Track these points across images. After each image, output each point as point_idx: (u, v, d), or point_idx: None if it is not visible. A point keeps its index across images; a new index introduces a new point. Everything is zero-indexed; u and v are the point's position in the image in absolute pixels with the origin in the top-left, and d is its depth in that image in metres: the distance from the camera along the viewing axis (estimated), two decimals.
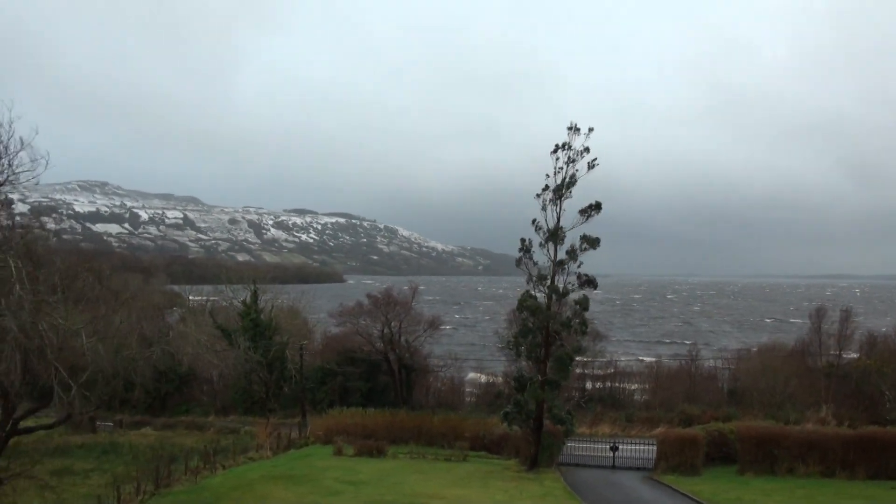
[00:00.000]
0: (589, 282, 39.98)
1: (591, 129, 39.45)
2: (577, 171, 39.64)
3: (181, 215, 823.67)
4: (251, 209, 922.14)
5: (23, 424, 25.79)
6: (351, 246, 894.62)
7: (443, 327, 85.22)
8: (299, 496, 31.43)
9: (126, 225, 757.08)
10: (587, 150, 39.36)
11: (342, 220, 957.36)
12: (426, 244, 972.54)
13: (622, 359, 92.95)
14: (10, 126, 21.91)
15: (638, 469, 43.07)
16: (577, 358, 44.76)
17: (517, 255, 41.47)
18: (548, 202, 40.08)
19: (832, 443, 39.95)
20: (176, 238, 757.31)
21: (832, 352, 73.57)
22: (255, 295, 72.29)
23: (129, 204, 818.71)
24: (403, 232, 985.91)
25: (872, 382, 60.53)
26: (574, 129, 39.51)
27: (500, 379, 75.15)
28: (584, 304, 40.35)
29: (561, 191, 39.68)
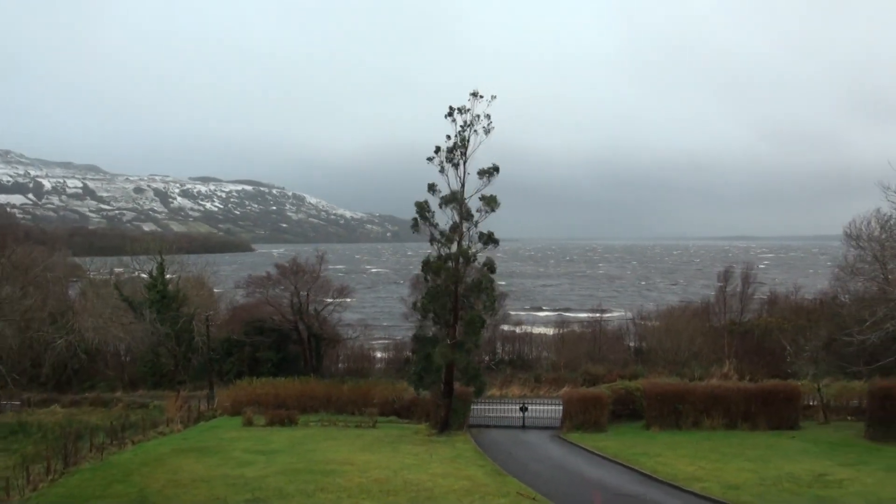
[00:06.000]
0: (490, 239, 40.14)
1: (493, 97, 39.70)
2: (475, 132, 39.75)
3: (81, 184, 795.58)
4: (157, 177, 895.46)
5: None
6: (259, 214, 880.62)
7: (350, 297, 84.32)
8: (209, 468, 30.80)
9: (30, 195, 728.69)
10: (488, 116, 39.60)
11: (249, 188, 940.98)
12: (334, 212, 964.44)
13: (530, 322, 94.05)
14: None
15: (547, 428, 43.78)
16: (487, 321, 44.67)
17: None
18: (445, 165, 39.94)
19: (734, 397, 41.47)
20: (76, 208, 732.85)
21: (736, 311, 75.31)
22: (161, 266, 70.56)
23: (33, 173, 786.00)
24: (311, 199, 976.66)
25: (773, 338, 62.49)
26: (476, 96, 39.64)
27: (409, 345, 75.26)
28: (490, 266, 40.51)
29: (453, 153, 39.57)
